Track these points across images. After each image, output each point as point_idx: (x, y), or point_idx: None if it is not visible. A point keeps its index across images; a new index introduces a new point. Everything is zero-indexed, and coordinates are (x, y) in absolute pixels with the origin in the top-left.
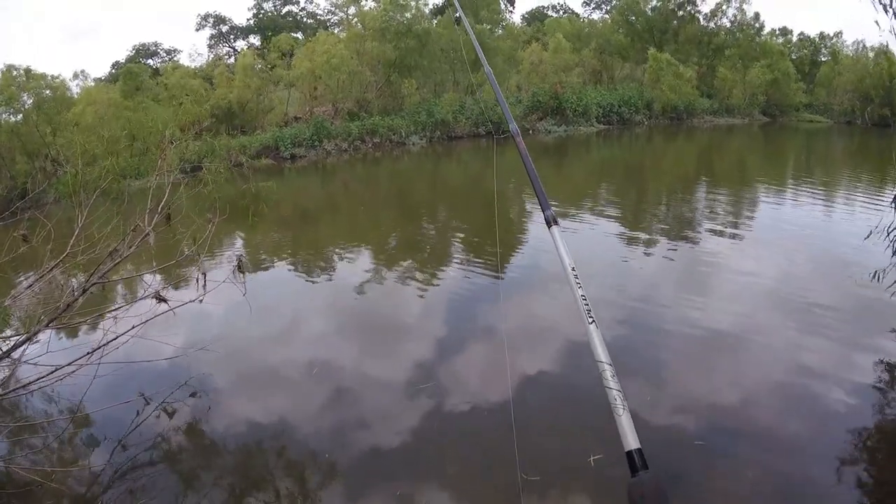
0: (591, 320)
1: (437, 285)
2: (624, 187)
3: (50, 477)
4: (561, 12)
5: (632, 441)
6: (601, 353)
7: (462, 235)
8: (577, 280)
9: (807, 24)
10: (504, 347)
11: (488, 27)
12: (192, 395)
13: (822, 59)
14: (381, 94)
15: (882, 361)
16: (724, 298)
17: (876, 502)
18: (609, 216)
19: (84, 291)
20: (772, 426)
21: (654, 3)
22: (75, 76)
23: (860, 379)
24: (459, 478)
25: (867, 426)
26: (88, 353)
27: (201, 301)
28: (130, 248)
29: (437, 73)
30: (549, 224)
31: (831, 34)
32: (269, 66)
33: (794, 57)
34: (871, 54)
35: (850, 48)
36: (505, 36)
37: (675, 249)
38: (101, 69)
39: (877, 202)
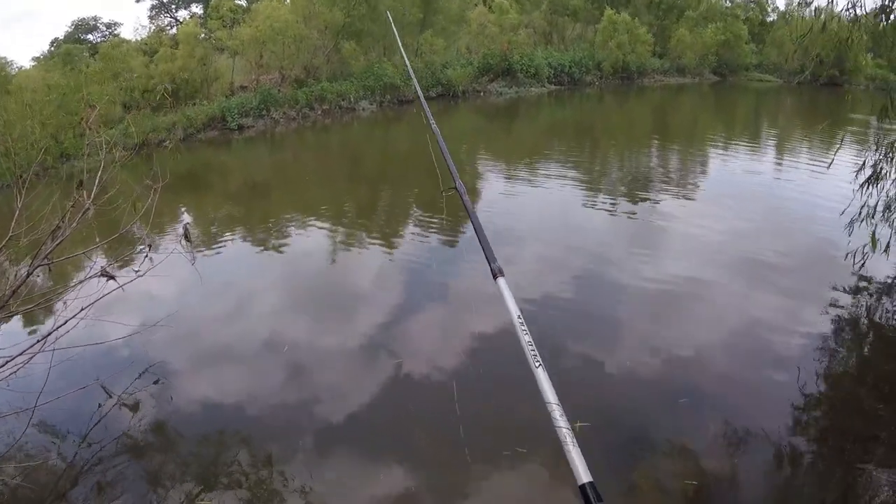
0: (538, 364)
1: (394, 252)
2: (576, 147)
3: (14, 475)
4: None
5: (584, 475)
6: (550, 395)
7: (414, 201)
8: (523, 327)
9: None
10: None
11: None
12: (155, 382)
13: (770, 20)
14: (330, 59)
15: (832, 311)
16: (680, 255)
17: (837, 449)
18: (562, 175)
19: (29, 275)
20: (734, 378)
21: None
22: (4, 63)
23: (814, 329)
24: (432, 450)
25: (823, 374)
26: (40, 340)
27: (145, 274)
28: (72, 224)
29: (387, 36)
30: (495, 276)
31: None
32: (210, 31)
33: (744, 17)
34: (821, 17)
35: (799, 9)
36: None
37: (629, 208)
38: (40, 47)
39: (822, 158)
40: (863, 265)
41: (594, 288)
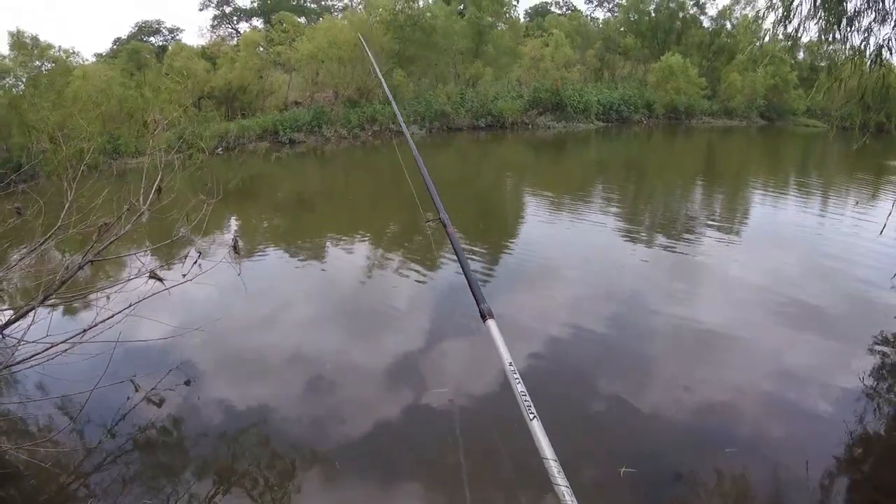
0: (532, 416)
1: (432, 279)
2: (621, 184)
3: (41, 459)
4: (564, 8)
5: None
6: (546, 450)
7: (457, 226)
8: (515, 376)
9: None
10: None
11: (490, 19)
12: (186, 382)
13: (822, 65)
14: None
15: (872, 365)
16: (722, 300)
17: (870, 502)
18: (604, 211)
19: (80, 268)
20: (774, 427)
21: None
22: (67, 55)
23: (853, 383)
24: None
25: (860, 429)
26: (83, 331)
27: (193, 280)
28: (126, 226)
29: (439, 64)
30: (484, 317)
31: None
32: (271, 42)
33: (798, 59)
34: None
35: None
36: (507, 29)
37: (669, 248)
38: (102, 45)
39: (866, 211)
40: None
41: (634, 328)
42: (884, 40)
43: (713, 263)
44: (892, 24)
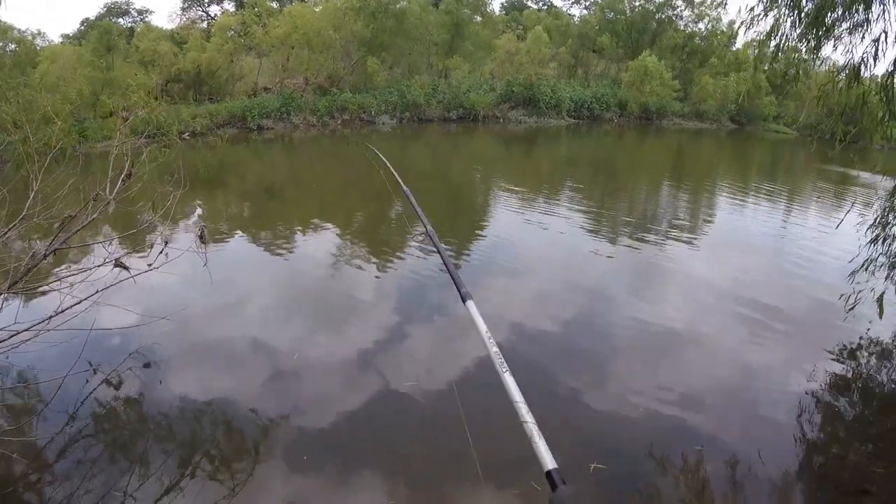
0: (505, 370)
1: (399, 267)
2: (589, 182)
3: (4, 448)
4: (540, 3)
5: (549, 462)
6: (516, 395)
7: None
8: (491, 340)
9: None
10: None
11: (468, 11)
12: (146, 365)
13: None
14: (354, 70)
15: (831, 367)
16: (679, 300)
17: (829, 502)
18: (572, 210)
19: (45, 256)
20: (735, 426)
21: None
22: (33, 36)
23: (812, 384)
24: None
25: (820, 430)
26: (47, 319)
27: (159, 268)
28: (93, 215)
29: (412, 54)
30: (464, 300)
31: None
32: (243, 25)
33: (768, 68)
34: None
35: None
36: (483, 23)
37: (634, 248)
38: (69, 26)
39: (829, 214)
40: (865, 326)
41: (604, 329)
42: (862, 57)
43: (679, 265)
44: (870, 40)
